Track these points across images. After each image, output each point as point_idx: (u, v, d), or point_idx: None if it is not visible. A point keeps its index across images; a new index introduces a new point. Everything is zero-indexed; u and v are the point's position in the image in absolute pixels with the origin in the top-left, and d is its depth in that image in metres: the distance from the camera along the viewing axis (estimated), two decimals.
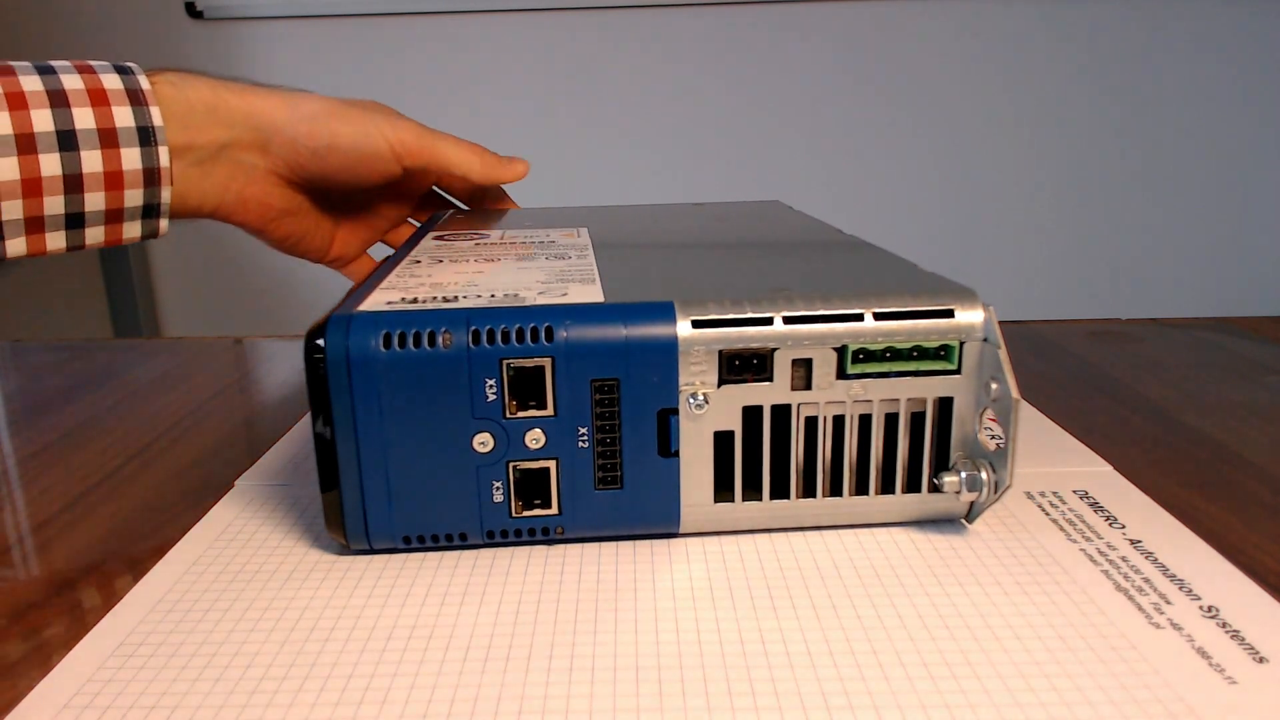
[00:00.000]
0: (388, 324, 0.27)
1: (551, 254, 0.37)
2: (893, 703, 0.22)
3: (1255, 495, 0.33)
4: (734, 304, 0.29)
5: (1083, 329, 0.57)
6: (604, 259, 0.36)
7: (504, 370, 0.28)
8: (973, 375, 0.29)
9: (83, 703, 0.23)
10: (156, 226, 0.41)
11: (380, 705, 0.22)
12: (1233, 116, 1.75)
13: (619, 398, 0.28)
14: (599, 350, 0.28)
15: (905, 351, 0.29)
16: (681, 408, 0.28)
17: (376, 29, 1.71)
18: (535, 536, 0.30)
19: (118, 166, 0.39)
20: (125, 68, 0.40)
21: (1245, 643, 0.24)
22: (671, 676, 0.23)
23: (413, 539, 0.29)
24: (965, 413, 0.29)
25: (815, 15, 1.71)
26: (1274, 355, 0.51)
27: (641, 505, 0.29)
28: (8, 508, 0.35)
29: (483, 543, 0.30)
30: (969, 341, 0.29)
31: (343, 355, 0.27)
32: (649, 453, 0.29)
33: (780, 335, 0.28)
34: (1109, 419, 0.41)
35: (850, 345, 0.28)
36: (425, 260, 0.36)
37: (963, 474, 0.29)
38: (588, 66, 1.74)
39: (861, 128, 1.77)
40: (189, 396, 0.48)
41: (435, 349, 0.27)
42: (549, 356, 0.28)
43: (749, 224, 0.45)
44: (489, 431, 0.28)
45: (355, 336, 0.27)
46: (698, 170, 1.78)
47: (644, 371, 0.28)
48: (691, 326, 0.28)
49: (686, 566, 0.29)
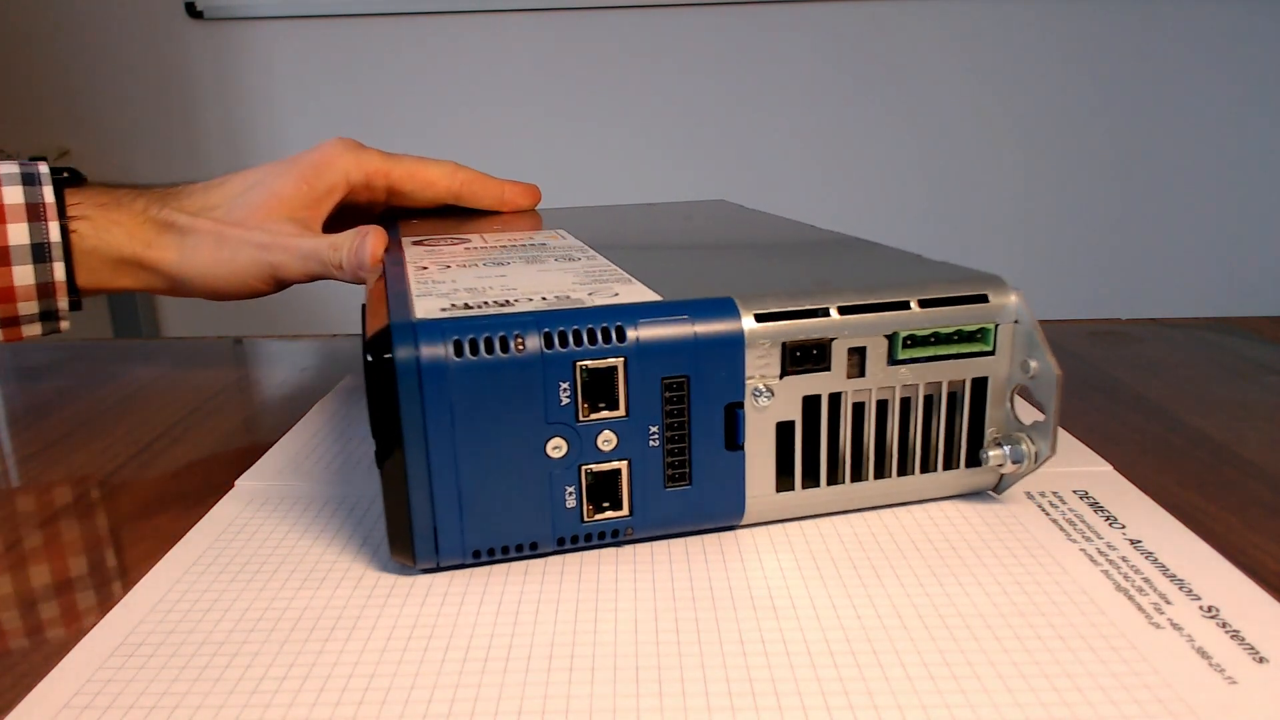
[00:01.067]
0: (458, 330, 0.27)
1: (557, 255, 0.36)
2: (893, 703, 0.22)
3: (1255, 495, 0.33)
4: (790, 296, 0.29)
5: (1083, 329, 0.57)
6: (618, 260, 0.35)
7: (577, 373, 0.27)
8: (1005, 355, 0.31)
9: (83, 703, 0.23)
10: (57, 326, 0.45)
11: (380, 705, 0.22)
12: (1233, 116, 1.75)
13: (688, 394, 0.28)
14: (670, 348, 0.28)
15: (947, 336, 0.30)
16: (747, 401, 0.29)
17: (376, 29, 1.71)
18: (605, 540, 0.29)
19: (9, 283, 0.41)
20: (31, 175, 0.42)
21: (1245, 643, 0.24)
22: (671, 676, 0.23)
23: (482, 553, 0.28)
24: (998, 391, 0.31)
25: (815, 15, 1.71)
26: (1274, 355, 0.51)
27: (708, 500, 0.30)
28: (8, 508, 0.35)
29: (553, 550, 0.29)
30: (1003, 324, 0.31)
31: (413, 365, 0.26)
32: (716, 447, 0.29)
33: (838, 325, 0.29)
34: (1109, 419, 0.41)
35: (901, 332, 0.30)
36: (433, 266, 0.35)
37: (1007, 448, 0.31)
38: (588, 67, 1.74)
39: (861, 128, 1.77)
40: (189, 396, 0.48)
41: (509, 354, 0.27)
42: (621, 356, 0.27)
43: (719, 223, 0.45)
44: (562, 436, 0.28)
45: (425, 345, 0.26)
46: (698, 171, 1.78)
47: (712, 367, 0.28)
48: (755, 320, 0.29)
49: (686, 566, 0.29)
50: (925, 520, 0.31)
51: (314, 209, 0.44)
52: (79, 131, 1.76)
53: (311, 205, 0.44)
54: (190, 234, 0.43)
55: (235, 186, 0.44)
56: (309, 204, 0.44)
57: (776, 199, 1.79)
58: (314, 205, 0.44)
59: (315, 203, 0.44)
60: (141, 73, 1.74)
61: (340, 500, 0.34)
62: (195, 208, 0.44)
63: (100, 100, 1.75)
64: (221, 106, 1.74)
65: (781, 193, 1.79)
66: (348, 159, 0.45)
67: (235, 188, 0.44)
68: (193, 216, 0.43)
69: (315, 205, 0.44)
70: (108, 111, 1.75)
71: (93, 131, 1.76)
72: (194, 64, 1.74)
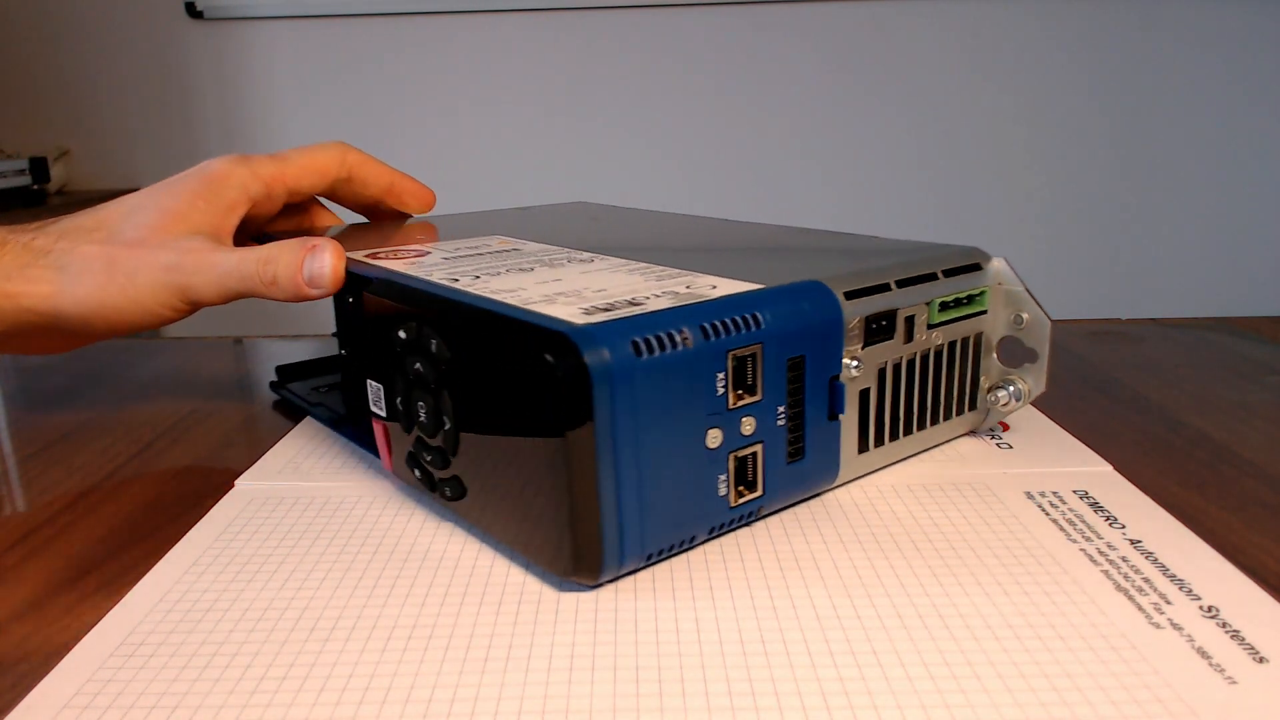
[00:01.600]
0: (632, 331, 0.26)
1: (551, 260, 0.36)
2: (892, 703, 0.22)
3: (1255, 495, 0.33)
4: (859, 275, 0.32)
5: (1083, 329, 0.57)
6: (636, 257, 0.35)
7: (729, 362, 0.28)
8: (994, 313, 0.36)
9: (83, 703, 0.23)
10: None
11: (380, 705, 0.22)
12: (1233, 116, 1.75)
13: (804, 373, 0.30)
14: (794, 331, 0.30)
15: (960, 300, 0.35)
16: (844, 373, 0.31)
17: (376, 29, 1.71)
18: (744, 521, 0.30)
19: None
20: None
21: (1245, 643, 0.24)
22: (671, 676, 0.23)
23: (654, 554, 0.28)
24: (989, 345, 0.37)
25: (815, 15, 1.71)
26: (1274, 355, 0.51)
27: (815, 470, 0.32)
28: (8, 508, 0.35)
29: (705, 539, 0.30)
30: (992, 286, 0.36)
31: (604, 369, 0.25)
32: (822, 420, 0.31)
33: (899, 297, 0.33)
34: (1109, 419, 0.41)
35: (936, 299, 0.34)
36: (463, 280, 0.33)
37: (1009, 389, 0.36)
38: (588, 67, 1.74)
39: (861, 128, 1.77)
40: (189, 396, 0.48)
41: (678, 350, 0.27)
42: (759, 343, 0.29)
43: (631, 222, 0.46)
44: (718, 426, 0.28)
45: (610, 348, 0.25)
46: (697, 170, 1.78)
47: (821, 345, 0.30)
48: (845, 299, 0.31)
49: (686, 566, 0.29)
50: (925, 520, 0.31)
51: (218, 227, 0.39)
52: (79, 131, 1.76)
53: (215, 223, 0.39)
54: (69, 259, 0.37)
55: (115, 211, 0.39)
56: (212, 221, 0.39)
57: (777, 198, 1.79)
58: (217, 224, 0.39)
59: (218, 221, 0.39)
60: (141, 73, 1.74)
61: (341, 499, 0.34)
62: (70, 232, 0.38)
63: (100, 100, 1.75)
64: (221, 106, 1.74)
65: (782, 192, 1.78)
66: (241, 173, 0.40)
67: (115, 212, 0.39)
68: (71, 241, 0.38)
69: (218, 224, 0.39)
70: (108, 111, 1.75)
71: (93, 131, 1.76)
72: (194, 64, 1.74)
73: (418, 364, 0.30)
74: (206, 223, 0.39)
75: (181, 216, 0.38)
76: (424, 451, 0.31)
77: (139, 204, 0.39)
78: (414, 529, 0.31)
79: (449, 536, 0.31)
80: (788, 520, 0.31)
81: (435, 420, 0.30)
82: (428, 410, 0.30)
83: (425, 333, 0.30)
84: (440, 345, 0.29)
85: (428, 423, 0.31)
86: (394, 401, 0.32)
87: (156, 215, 0.38)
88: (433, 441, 0.31)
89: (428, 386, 0.30)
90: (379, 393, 0.33)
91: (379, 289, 0.33)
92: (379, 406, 0.33)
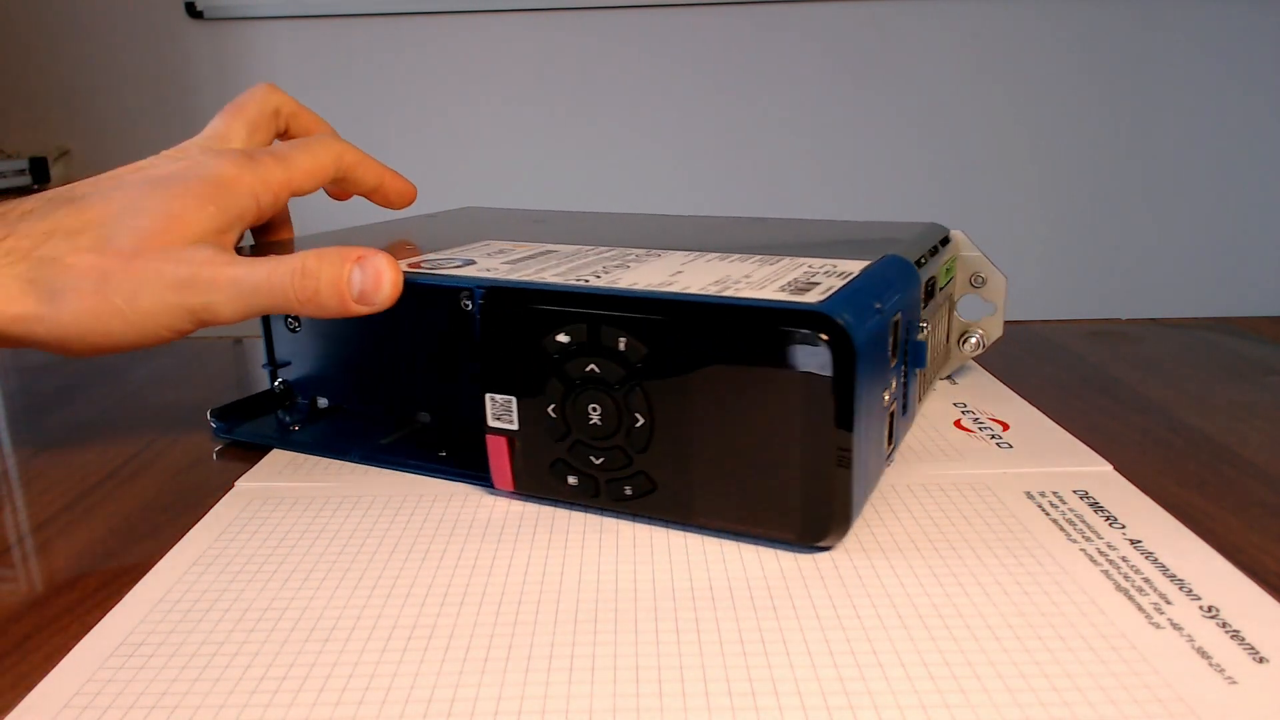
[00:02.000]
0: (857, 304, 0.28)
1: (647, 256, 0.36)
2: (893, 703, 0.22)
3: (1255, 495, 0.33)
4: (908, 249, 0.36)
5: (1083, 329, 0.57)
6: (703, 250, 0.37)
7: (895, 330, 0.31)
8: (957, 277, 0.44)
9: (83, 703, 0.23)
10: None
11: (380, 705, 0.22)
12: (1233, 116, 1.75)
13: (906, 335, 0.33)
14: (910, 299, 0.34)
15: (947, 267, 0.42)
16: (921, 333, 0.35)
17: (376, 29, 1.71)
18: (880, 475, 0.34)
19: None
20: None
21: (1245, 643, 0.24)
22: (671, 676, 0.23)
23: (854, 518, 0.29)
24: (953, 302, 0.44)
25: (815, 15, 1.71)
26: (1274, 355, 0.51)
27: (909, 420, 0.36)
28: (8, 508, 0.35)
29: (869, 496, 0.33)
30: (957, 255, 0.43)
31: (861, 341, 0.27)
32: (913, 375, 0.35)
33: (933, 265, 0.38)
34: (1109, 419, 0.41)
35: (944, 265, 0.40)
36: (603, 277, 0.32)
37: (975, 337, 0.44)
38: (588, 67, 1.74)
39: (861, 128, 1.77)
40: (189, 396, 0.48)
41: (880, 319, 0.29)
42: (900, 311, 0.32)
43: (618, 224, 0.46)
44: (887, 387, 0.31)
45: (858, 321, 0.27)
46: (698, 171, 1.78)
47: (913, 309, 0.34)
48: (917, 267, 0.35)
49: (686, 566, 0.29)
50: (925, 519, 0.31)
51: (224, 236, 0.35)
52: (79, 131, 1.76)
53: (222, 231, 0.34)
54: (50, 273, 0.31)
55: (103, 208, 0.33)
56: (219, 230, 0.34)
57: (777, 198, 1.79)
58: (224, 232, 0.35)
59: (225, 229, 0.35)
60: (141, 73, 1.74)
61: (341, 499, 0.34)
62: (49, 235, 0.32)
63: (100, 100, 1.75)
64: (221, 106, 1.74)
65: (782, 192, 1.79)
66: (250, 178, 0.35)
67: (104, 210, 0.33)
68: (52, 248, 0.31)
69: (225, 232, 0.35)
70: (108, 111, 1.75)
71: (93, 131, 1.76)
72: (194, 64, 1.74)
73: (591, 366, 0.30)
74: (212, 230, 0.34)
75: (186, 222, 0.33)
76: (591, 455, 0.31)
77: (132, 202, 0.33)
78: (414, 529, 0.31)
79: (449, 536, 0.31)
80: None
81: (617, 420, 0.30)
82: (604, 411, 0.30)
83: (606, 333, 0.29)
84: (631, 343, 0.29)
85: (603, 424, 0.30)
86: (543, 409, 0.31)
87: (156, 220, 0.32)
88: (607, 443, 0.30)
89: (608, 387, 0.30)
90: (507, 405, 0.32)
91: (514, 298, 0.31)
92: (505, 420, 0.32)
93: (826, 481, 0.28)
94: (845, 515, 0.28)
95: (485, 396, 0.32)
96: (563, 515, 0.32)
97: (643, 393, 0.29)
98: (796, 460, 0.28)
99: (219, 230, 0.34)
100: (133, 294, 0.32)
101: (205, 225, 0.34)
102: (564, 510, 0.33)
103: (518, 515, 0.32)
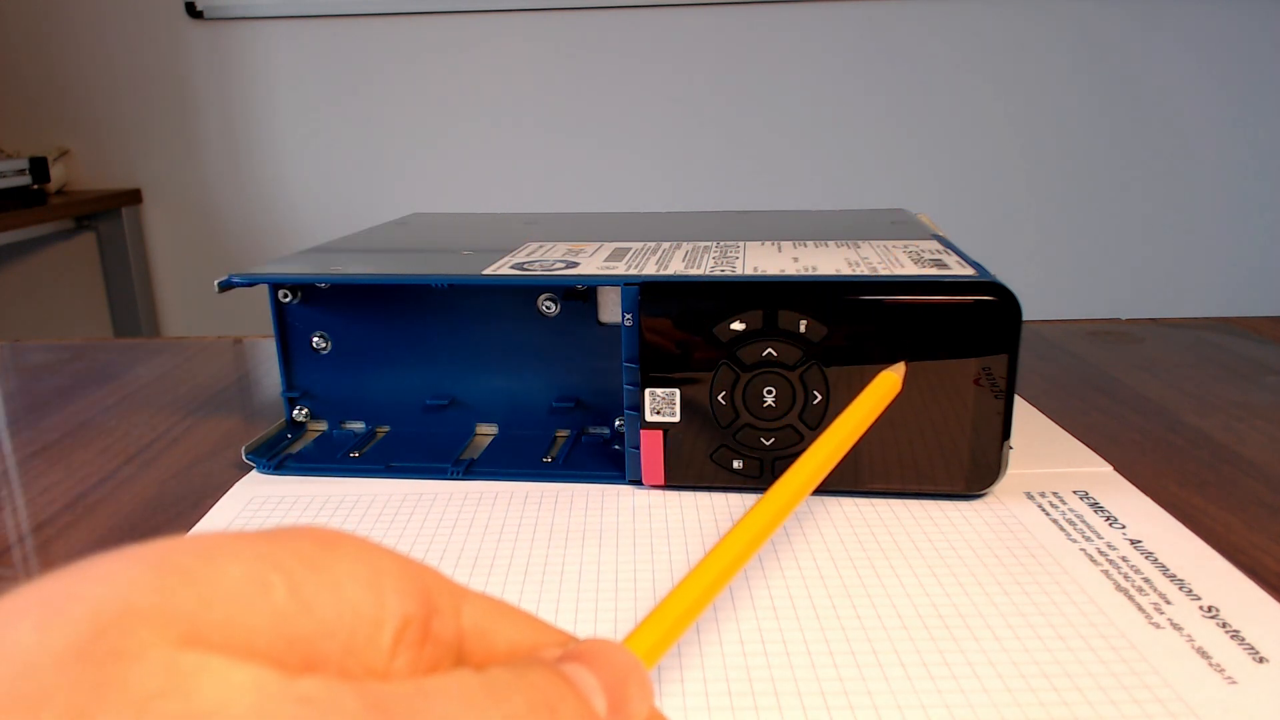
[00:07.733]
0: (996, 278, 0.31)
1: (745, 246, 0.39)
2: (892, 703, 0.22)
3: (1255, 495, 0.33)
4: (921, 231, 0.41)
5: (1083, 329, 0.57)
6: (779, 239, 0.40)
7: None
8: None
9: None
10: None
11: None
12: (1233, 117, 1.75)
13: None
14: None
15: None
16: None
17: (376, 29, 1.71)
18: None
19: None
20: None
21: (1245, 643, 0.24)
22: (672, 676, 0.23)
23: None
24: None
25: (815, 15, 1.71)
26: (1274, 355, 0.51)
27: None
28: (8, 508, 0.35)
29: None
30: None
31: (1019, 308, 0.31)
32: None
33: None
34: (1109, 419, 0.41)
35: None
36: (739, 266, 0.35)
37: None
38: (588, 67, 1.74)
39: (862, 128, 1.77)
40: (189, 396, 0.48)
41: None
42: None
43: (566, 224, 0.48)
44: None
45: (1011, 292, 0.31)
46: (697, 171, 1.78)
47: None
48: None
49: (686, 565, 0.29)
50: (925, 520, 0.31)
51: None
52: (79, 131, 1.76)
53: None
54: None
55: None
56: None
57: (777, 198, 1.80)
58: None
59: None
60: (141, 73, 1.74)
61: (340, 499, 0.34)
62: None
63: (100, 100, 1.75)
64: (221, 106, 1.74)
65: (782, 192, 1.79)
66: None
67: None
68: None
69: None
70: (108, 111, 1.75)
71: (93, 131, 1.76)
72: (194, 64, 1.74)
73: (769, 350, 0.32)
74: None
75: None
76: (761, 436, 0.33)
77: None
78: (414, 529, 0.31)
79: (449, 536, 0.31)
80: (787, 520, 0.31)
81: (791, 399, 0.32)
82: (779, 393, 0.32)
83: (785, 317, 0.32)
84: (812, 324, 0.31)
85: (776, 405, 0.32)
86: (710, 398, 0.32)
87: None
88: (779, 423, 0.32)
89: (785, 368, 0.32)
90: (669, 398, 0.33)
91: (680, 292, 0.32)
92: (666, 414, 0.33)
93: (994, 436, 0.31)
94: (1003, 465, 0.32)
95: (644, 393, 0.33)
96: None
97: (820, 371, 0.32)
98: (969, 416, 0.31)
99: None
100: None
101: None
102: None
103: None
